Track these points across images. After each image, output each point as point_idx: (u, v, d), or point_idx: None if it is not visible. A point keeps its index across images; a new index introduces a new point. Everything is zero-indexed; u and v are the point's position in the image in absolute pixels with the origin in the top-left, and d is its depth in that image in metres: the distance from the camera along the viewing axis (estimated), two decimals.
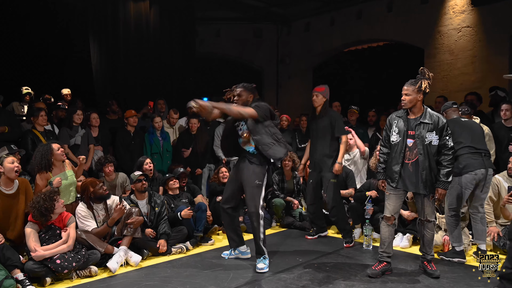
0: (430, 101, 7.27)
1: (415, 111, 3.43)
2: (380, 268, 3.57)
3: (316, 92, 4.50)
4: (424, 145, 3.37)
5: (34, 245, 3.38)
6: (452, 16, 7.68)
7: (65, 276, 3.43)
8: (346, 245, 4.47)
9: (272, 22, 10.43)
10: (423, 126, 3.39)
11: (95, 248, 3.68)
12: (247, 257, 4.00)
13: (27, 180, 4.00)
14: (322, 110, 4.48)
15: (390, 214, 3.57)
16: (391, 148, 3.55)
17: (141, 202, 4.35)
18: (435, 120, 3.38)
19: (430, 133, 3.36)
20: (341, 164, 4.44)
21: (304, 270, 3.71)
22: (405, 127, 3.44)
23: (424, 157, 3.36)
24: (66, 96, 7.03)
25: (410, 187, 3.48)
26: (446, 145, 3.38)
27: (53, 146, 4.06)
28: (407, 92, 3.39)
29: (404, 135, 3.44)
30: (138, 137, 5.68)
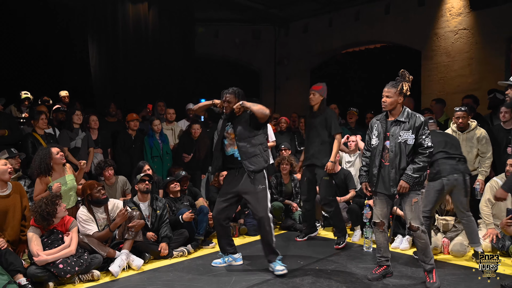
0: (426, 103, 7.34)
1: (394, 113, 3.42)
2: (380, 272, 3.61)
3: (313, 90, 4.54)
4: (397, 143, 3.34)
5: (37, 250, 3.37)
6: (449, 18, 7.73)
7: (67, 280, 3.43)
8: (336, 246, 4.49)
9: (270, 23, 10.45)
10: (398, 124, 3.37)
11: (97, 252, 3.69)
12: (239, 263, 3.97)
13: (19, 183, 4.01)
14: (319, 108, 4.51)
15: (378, 220, 3.56)
16: (371, 151, 3.55)
17: (143, 204, 4.35)
18: (412, 119, 3.33)
19: (405, 131, 3.32)
20: (334, 163, 4.46)
21: (306, 273, 3.74)
22: (383, 129, 3.44)
23: (395, 155, 3.34)
24: (64, 98, 7.01)
25: (386, 189, 3.42)
26: (422, 144, 3.31)
27: (53, 150, 4.05)
28: (388, 94, 3.37)
29: (382, 138, 3.44)
30: (139, 140, 5.67)
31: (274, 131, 6.64)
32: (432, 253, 3.47)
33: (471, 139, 4.55)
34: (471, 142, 4.55)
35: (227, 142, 3.78)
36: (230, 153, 3.78)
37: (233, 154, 3.75)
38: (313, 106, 4.54)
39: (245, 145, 3.65)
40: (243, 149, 3.65)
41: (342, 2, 9.05)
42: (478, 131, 4.55)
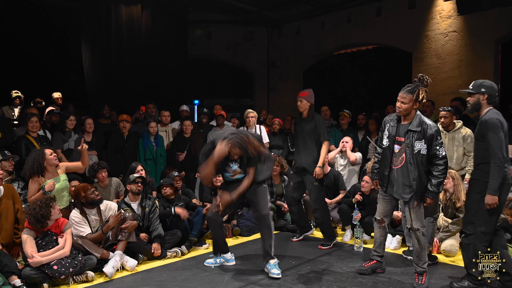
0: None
1: (407, 118, 3.37)
2: (370, 266, 3.73)
3: (300, 97, 4.58)
4: (414, 154, 3.29)
5: (31, 252, 3.40)
6: (439, 21, 7.86)
7: (62, 281, 3.46)
8: (320, 246, 4.59)
9: (263, 25, 10.53)
10: (411, 134, 3.31)
11: (91, 253, 3.72)
12: (232, 264, 4.02)
13: (12, 186, 4.03)
14: (308, 114, 4.58)
15: (379, 217, 3.67)
16: (382, 150, 3.57)
17: (135, 204, 4.40)
18: (424, 128, 3.27)
19: (418, 141, 3.28)
20: (321, 168, 4.53)
21: (298, 273, 3.81)
22: (394, 132, 3.42)
23: (414, 166, 3.30)
24: (57, 99, 7.00)
25: (395, 193, 3.47)
26: (436, 155, 3.26)
27: (46, 151, 4.09)
28: (404, 101, 3.30)
29: (392, 140, 3.43)
30: (131, 141, 5.70)
31: (268, 132, 6.71)
32: (426, 258, 3.48)
33: (457, 138, 4.67)
34: (456, 141, 4.68)
35: (230, 174, 3.84)
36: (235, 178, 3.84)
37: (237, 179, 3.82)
38: (302, 112, 4.62)
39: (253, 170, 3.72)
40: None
41: (334, 5, 9.17)
42: (463, 130, 4.67)
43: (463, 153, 4.68)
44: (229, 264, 4.02)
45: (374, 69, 9.62)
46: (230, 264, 4.02)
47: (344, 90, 10.06)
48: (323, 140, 4.52)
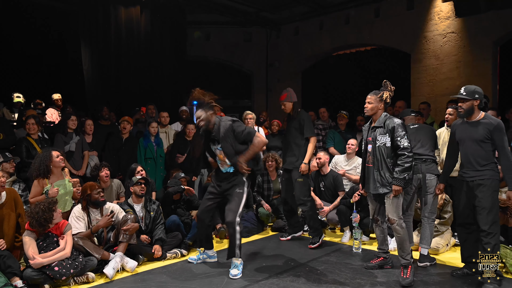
0: (416, 105, 7.49)
1: (375, 118, 3.71)
2: (377, 262, 3.95)
3: (281, 101, 4.71)
4: (376, 147, 3.61)
5: (33, 253, 3.43)
6: (438, 22, 7.90)
7: (63, 282, 3.49)
8: (310, 246, 4.62)
9: (261, 26, 10.55)
10: (376, 129, 3.65)
11: (91, 254, 3.75)
12: (214, 260, 4.16)
13: (14, 190, 4.04)
14: (293, 112, 4.67)
15: (372, 216, 3.89)
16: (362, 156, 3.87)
17: (137, 206, 4.42)
18: (387, 124, 3.58)
19: (383, 135, 3.58)
20: (307, 164, 4.57)
21: (297, 273, 3.84)
22: (365, 135, 3.79)
23: (376, 158, 3.61)
24: (57, 101, 7.03)
25: (370, 189, 3.70)
26: (398, 145, 3.52)
27: (53, 153, 4.14)
28: (370, 101, 3.66)
29: (365, 142, 3.77)
30: (129, 143, 5.72)
31: (266, 133, 6.74)
32: (410, 249, 3.66)
33: None
34: None
35: (220, 162, 3.96)
36: (224, 171, 3.97)
37: (227, 171, 3.96)
38: (289, 112, 4.71)
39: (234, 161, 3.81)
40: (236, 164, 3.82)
41: (332, 6, 9.19)
42: None
43: None
44: (211, 261, 4.15)
45: (373, 70, 9.65)
46: (212, 261, 4.15)
47: (342, 91, 10.09)
48: (308, 136, 4.59)
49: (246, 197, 3.90)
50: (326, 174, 5.34)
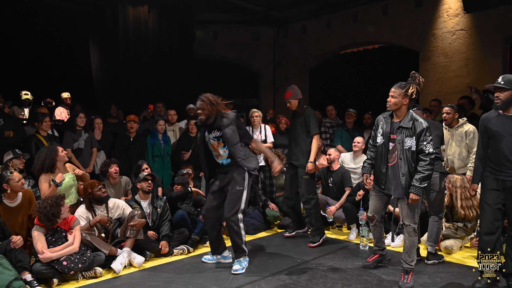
0: (425, 103, 7.43)
1: (399, 114, 3.42)
2: (373, 260, 3.89)
3: (286, 99, 4.69)
4: (404, 150, 3.34)
5: (42, 248, 3.48)
6: (446, 19, 7.82)
7: (71, 277, 3.53)
8: (309, 244, 4.60)
9: (269, 25, 10.55)
10: (402, 130, 3.36)
11: (99, 250, 3.79)
12: (229, 261, 4.03)
13: (31, 191, 4.09)
14: (298, 109, 4.66)
15: (371, 214, 3.74)
16: (376, 148, 3.61)
17: (145, 202, 4.46)
18: (415, 125, 3.32)
19: (409, 138, 3.32)
20: (313, 163, 4.55)
21: (303, 270, 3.83)
22: (388, 130, 3.47)
23: (404, 162, 3.34)
24: (66, 99, 7.11)
25: (389, 190, 3.50)
26: (423, 150, 3.29)
27: (59, 148, 4.21)
28: (394, 95, 3.38)
29: (387, 137, 3.47)
30: (137, 142, 5.77)
31: (273, 131, 6.74)
32: (415, 256, 3.47)
33: (460, 134, 4.67)
34: (459, 137, 4.68)
35: (215, 154, 3.90)
36: (220, 163, 3.91)
37: (223, 163, 3.89)
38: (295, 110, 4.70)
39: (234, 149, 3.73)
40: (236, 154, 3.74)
41: (340, 4, 9.16)
42: (466, 126, 4.66)
43: (467, 149, 4.67)
44: (226, 262, 4.04)
45: (380, 68, 9.59)
46: (227, 261, 4.04)
47: (350, 89, 10.04)
48: (313, 133, 4.57)
49: (247, 194, 3.84)
50: (335, 170, 5.33)
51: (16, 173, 3.81)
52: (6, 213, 3.71)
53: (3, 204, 3.72)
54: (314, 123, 4.59)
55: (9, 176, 3.70)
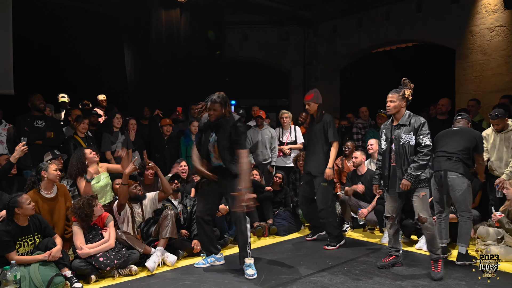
0: (462, 103, 7.18)
1: (398, 116, 3.70)
2: (389, 261, 3.94)
3: (306, 101, 4.58)
4: (400, 145, 3.62)
5: (80, 243, 3.64)
6: (485, 15, 7.52)
7: (107, 273, 3.65)
8: (325, 247, 4.55)
9: (298, 25, 10.50)
10: (400, 127, 3.66)
11: (134, 248, 3.89)
12: (221, 263, 4.02)
13: (64, 185, 4.28)
14: (317, 115, 4.57)
15: (388, 214, 3.88)
16: (381, 155, 3.86)
17: (175, 201, 4.59)
18: (412, 122, 3.61)
19: (407, 134, 3.61)
20: (331, 169, 4.48)
21: (335, 273, 3.79)
22: (389, 134, 3.75)
23: (399, 156, 3.62)
24: (102, 101, 7.33)
25: (397, 189, 3.67)
26: (419, 143, 3.57)
27: (86, 151, 4.37)
28: (392, 99, 3.68)
29: (389, 141, 3.73)
30: (171, 143, 5.91)
31: (304, 132, 6.70)
32: (439, 244, 3.73)
33: (508, 139, 4.47)
34: (507, 142, 4.48)
35: (213, 156, 3.80)
36: (216, 165, 3.82)
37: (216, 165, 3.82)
38: (312, 114, 4.61)
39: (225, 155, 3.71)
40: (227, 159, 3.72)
41: (372, 2, 8.98)
42: None
43: None
44: (219, 264, 4.01)
45: (414, 68, 9.33)
46: (220, 264, 4.01)
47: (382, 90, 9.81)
48: (332, 140, 4.49)
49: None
50: (363, 174, 5.23)
51: (54, 164, 4.00)
52: (44, 204, 3.90)
53: (40, 195, 3.91)
54: (333, 131, 4.51)
55: (47, 165, 3.94)
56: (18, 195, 3.44)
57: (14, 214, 3.38)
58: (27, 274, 3.27)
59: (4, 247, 3.31)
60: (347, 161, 5.86)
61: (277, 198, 5.61)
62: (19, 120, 4.93)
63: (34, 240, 3.52)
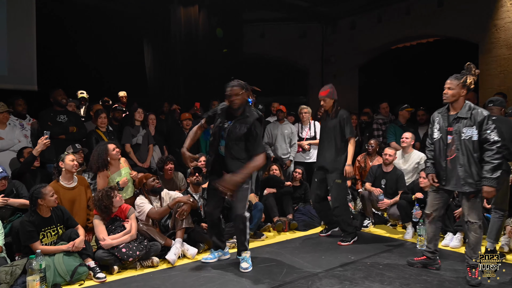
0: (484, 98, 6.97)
1: (456, 106, 3.36)
2: (419, 260, 3.68)
3: (322, 96, 4.46)
4: (461, 140, 3.28)
5: (103, 235, 3.67)
6: (510, 8, 7.30)
7: (130, 264, 3.67)
8: (339, 242, 4.47)
9: (317, 21, 10.42)
10: (460, 121, 3.30)
11: (155, 240, 3.91)
12: (227, 257, 3.99)
13: (83, 177, 4.37)
14: (332, 111, 4.47)
15: (429, 211, 3.59)
16: (434, 145, 3.52)
17: (196, 195, 4.60)
18: (474, 114, 3.25)
19: (468, 128, 3.26)
20: (351, 166, 4.38)
21: (357, 268, 3.72)
22: (445, 124, 3.40)
23: (462, 153, 3.28)
24: (122, 98, 7.41)
25: (450, 185, 3.40)
26: (487, 139, 3.21)
27: (109, 146, 4.36)
28: (450, 86, 3.32)
29: (444, 131, 3.40)
30: None
31: None
32: (481, 251, 3.40)
33: None
34: None
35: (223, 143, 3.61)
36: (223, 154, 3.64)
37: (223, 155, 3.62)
38: (327, 110, 4.51)
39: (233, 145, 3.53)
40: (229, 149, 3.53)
41: None
42: None
43: None
44: (226, 258, 3.97)
45: (436, 63, 9.14)
46: (226, 258, 3.97)
47: (402, 86, 9.67)
48: (348, 137, 4.39)
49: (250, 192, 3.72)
50: (389, 172, 5.13)
51: (71, 155, 4.07)
52: (65, 194, 3.98)
53: (61, 185, 4.00)
54: (350, 127, 4.43)
55: (64, 155, 4.04)
56: (42, 186, 3.49)
57: (38, 205, 3.43)
58: (52, 263, 3.31)
59: (29, 236, 3.37)
60: (369, 159, 5.75)
61: (297, 194, 5.57)
62: (42, 115, 5.02)
63: (57, 231, 3.57)
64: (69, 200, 4.01)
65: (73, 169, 4.03)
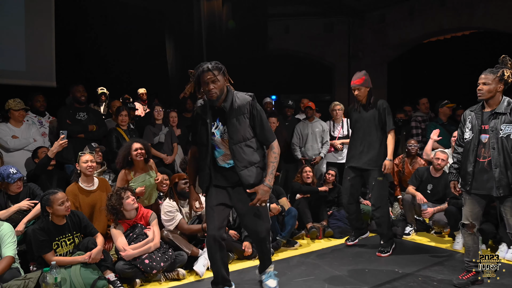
0: None
1: (492, 103, 3.05)
2: (468, 278, 3.25)
3: (356, 85, 3.92)
4: (498, 138, 2.98)
5: (123, 245, 3.32)
6: None
7: (153, 277, 3.32)
8: (378, 254, 4.01)
9: (343, 15, 9.95)
10: (498, 117, 3.01)
11: (181, 249, 3.55)
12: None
13: (105, 179, 4.06)
14: (367, 101, 3.97)
15: (468, 221, 3.20)
16: (463, 147, 3.21)
17: None
18: None
19: (507, 125, 2.96)
20: (391, 161, 3.92)
21: (408, 284, 3.29)
22: (479, 122, 3.09)
23: (498, 152, 2.98)
24: (142, 95, 7.13)
25: (485, 189, 3.06)
26: None
27: (133, 145, 3.95)
28: (485, 81, 3.01)
29: (477, 131, 3.09)
30: None
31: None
32: None
33: None
34: None
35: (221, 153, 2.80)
36: (222, 165, 2.84)
37: (225, 167, 2.84)
38: (361, 100, 4.01)
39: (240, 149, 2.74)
40: (238, 156, 2.73)
41: None
42: None
43: None
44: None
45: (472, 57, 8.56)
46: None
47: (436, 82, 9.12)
48: (389, 129, 3.92)
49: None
50: (438, 177, 4.66)
51: (86, 155, 3.74)
52: (84, 196, 3.69)
53: (80, 187, 3.70)
54: (392, 118, 3.96)
55: (79, 157, 3.72)
56: (53, 192, 3.10)
57: (48, 212, 3.10)
58: (68, 276, 2.98)
59: (40, 246, 3.03)
60: (409, 162, 5.28)
61: (330, 197, 5.14)
62: (61, 112, 4.76)
63: (74, 240, 3.23)
64: (89, 204, 3.71)
65: (87, 171, 3.68)
